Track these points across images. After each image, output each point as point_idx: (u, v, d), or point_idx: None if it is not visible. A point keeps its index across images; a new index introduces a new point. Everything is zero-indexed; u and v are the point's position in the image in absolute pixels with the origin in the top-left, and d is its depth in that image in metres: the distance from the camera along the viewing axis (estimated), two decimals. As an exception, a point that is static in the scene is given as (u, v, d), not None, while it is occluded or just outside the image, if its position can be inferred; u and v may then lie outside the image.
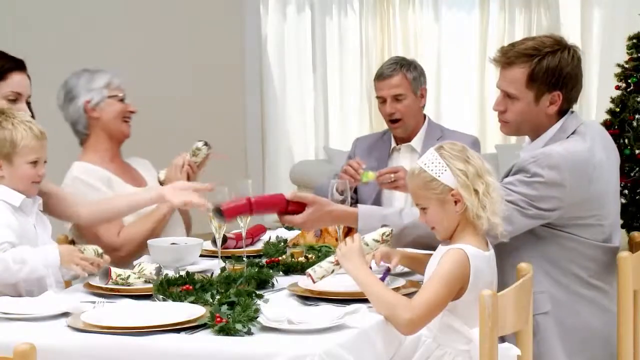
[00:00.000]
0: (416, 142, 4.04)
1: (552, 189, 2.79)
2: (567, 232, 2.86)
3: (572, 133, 2.91)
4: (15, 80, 3.12)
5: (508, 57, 2.92)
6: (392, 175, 3.54)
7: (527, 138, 3.05)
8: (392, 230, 2.69)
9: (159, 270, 2.84)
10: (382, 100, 4.05)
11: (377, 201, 3.90)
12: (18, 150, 2.90)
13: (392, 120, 4.03)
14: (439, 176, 2.52)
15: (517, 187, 2.81)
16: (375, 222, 2.87)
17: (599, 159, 2.89)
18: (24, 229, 2.90)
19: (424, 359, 2.54)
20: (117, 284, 2.79)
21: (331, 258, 2.68)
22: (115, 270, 2.80)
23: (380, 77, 4.06)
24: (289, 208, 2.95)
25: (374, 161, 3.90)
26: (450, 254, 2.49)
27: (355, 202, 3.56)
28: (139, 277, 2.82)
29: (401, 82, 4.01)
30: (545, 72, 2.88)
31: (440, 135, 4.02)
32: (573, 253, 2.88)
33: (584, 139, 2.89)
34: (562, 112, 2.95)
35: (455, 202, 2.51)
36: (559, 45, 2.92)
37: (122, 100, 3.61)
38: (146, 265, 2.86)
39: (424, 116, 4.12)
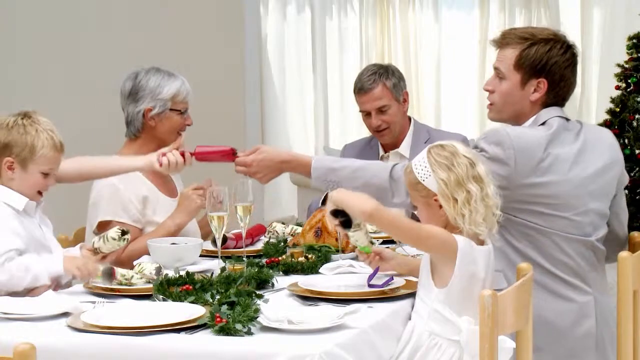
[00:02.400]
0: (404, 148, 4.01)
1: (495, 165, 2.81)
2: (521, 218, 2.89)
3: (542, 124, 2.95)
4: None
5: (505, 37, 3.02)
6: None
7: None
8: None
9: (159, 270, 2.84)
10: (366, 114, 4.02)
11: None
12: (35, 158, 2.90)
13: (379, 131, 4.01)
14: (423, 180, 2.56)
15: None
16: (329, 162, 3.06)
17: (562, 151, 2.90)
18: (30, 231, 2.90)
19: (416, 349, 2.54)
20: (120, 284, 2.79)
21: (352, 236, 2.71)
22: (119, 271, 2.81)
23: (360, 90, 4.00)
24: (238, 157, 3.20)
25: None
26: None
27: None
28: (142, 277, 2.82)
29: (383, 93, 3.96)
30: (533, 56, 2.95)
31: (428, 138, 3.99)
32: (531, 239, 2.90)
33: (548, 128, 2.92)
34: (547, 105, 2.98)
35: (440, 206, 2.54)
36: (555, 37, 2.99)
37: (182, 113, 3.59)
38: (146, 265, 2.87)
39: (409, 119, 4.09)
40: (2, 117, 2.94)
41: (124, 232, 2.96)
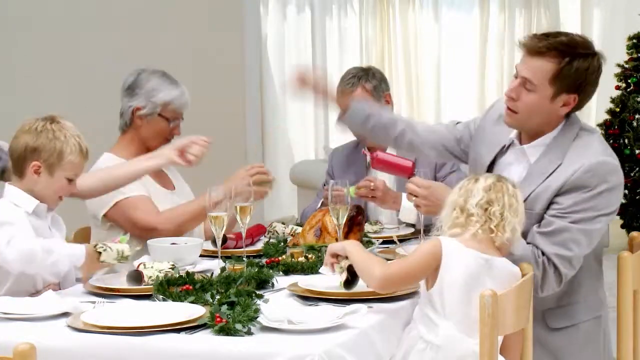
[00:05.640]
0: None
1: (617, 192, 2.80)
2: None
3: (575, 138, 2.88)
4: None
5: (540, 46, 2.82)
6: (372, 184, 3.54)
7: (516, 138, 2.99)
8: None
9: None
10: None
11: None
12: (63, 164, 2.89)
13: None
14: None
15: (582, 204, 2.76)
16: None
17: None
18: (39, 233, 2.89)
19: (408, 352, 2.54)
20: (147, 285, 2.78)
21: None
22: (146, 273, 2.79)
23: (340, 94, 3.97)
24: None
25: (352, 176, 3.74)
26: (429, 239, 2.57)
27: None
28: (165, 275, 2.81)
29: (362, 96, 3.90)
30: (574, 74, 2.81)
31: None
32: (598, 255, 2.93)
33: (594, 139, 2.89)
34: (567, 115, 2.92)
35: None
36: (590, 50, 2.87)
37: (170, 121, 3.59)
38: (160, 265, 2.84)
39: None
40: (29, 120, 2.93)
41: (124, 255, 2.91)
